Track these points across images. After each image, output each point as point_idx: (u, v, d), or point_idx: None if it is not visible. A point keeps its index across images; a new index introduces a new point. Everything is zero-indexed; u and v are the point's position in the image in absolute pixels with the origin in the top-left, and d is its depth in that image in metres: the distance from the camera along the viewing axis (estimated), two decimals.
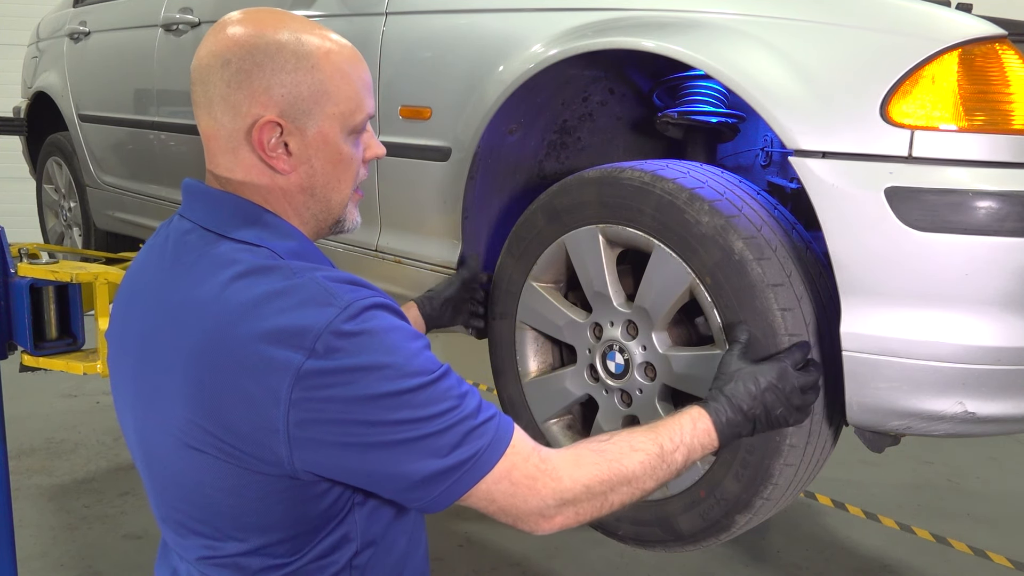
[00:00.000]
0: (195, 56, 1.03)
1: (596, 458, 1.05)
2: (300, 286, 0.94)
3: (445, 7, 1.83)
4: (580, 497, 1.02)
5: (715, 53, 1.35)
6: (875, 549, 3.23)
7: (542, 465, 1.00)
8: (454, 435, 0.94)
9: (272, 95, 0.99)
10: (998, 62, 1.21)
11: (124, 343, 1.07)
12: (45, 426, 4.12)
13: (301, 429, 0.91)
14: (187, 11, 2.66)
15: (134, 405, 1.05)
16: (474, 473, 0.95)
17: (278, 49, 0.99)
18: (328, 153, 1.04)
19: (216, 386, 0.93)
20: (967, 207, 1.18)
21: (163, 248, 1.06)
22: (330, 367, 0.90)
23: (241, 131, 1.00)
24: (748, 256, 1.30)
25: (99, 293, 2.30)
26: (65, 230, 3.82)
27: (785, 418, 1.20)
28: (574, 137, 1.83)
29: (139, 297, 1.06)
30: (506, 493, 0.98)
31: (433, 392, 0.94)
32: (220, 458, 0.95)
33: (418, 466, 0.93)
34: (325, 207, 1.07)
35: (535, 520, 1.01)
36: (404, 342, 0.95)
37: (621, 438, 1.09)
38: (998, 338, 1.20)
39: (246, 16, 1.02)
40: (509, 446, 0.98)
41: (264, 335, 0.91)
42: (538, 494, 0.99)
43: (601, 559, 3.09)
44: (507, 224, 1.74)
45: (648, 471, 1.06)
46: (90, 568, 2.91)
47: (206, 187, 1.06)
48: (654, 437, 1.09)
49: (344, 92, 1.02)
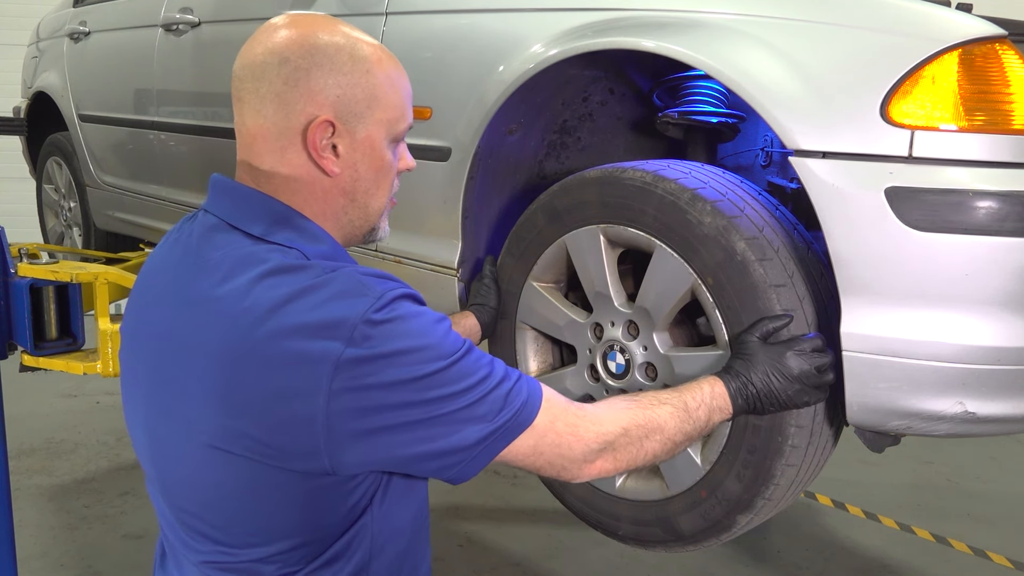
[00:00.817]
0: (244, 53, 1.04)
1: (630, 405, 1.13)
2: (332, 280, 0.95)
3: (445, 7, 1.83)
4: (619, 441, 1.08)
5: (715, 53, 1.35)
6: (875, 549, 3.23)
7: (580, 412, 1.07)
8: (494, 399, 0.99)
9: (328, 95, 1.01)
10: (998, 62, 1.21)
11: (139, 339, 1.06)
12: (45, 426, 4.12)
13: (342, 419, 0.92)
14: (187, 11, 2.65)
15: (147, 403, 1.03)
16: (516, 429, 1.00)
17: (336, 51, 1.01)
18: (373, 158, 1.06)
19: (249, 384, 0.92)
20: (967, 207, 1.18)
21: (187, 243, 1.05)
22: (368, 355, 0.92)
23: (294, 129, 1.01)
24: (750, 257, 1.30)
25: (99, 293, 2.30)
26: (65, 230, 3.82)
27: (800, 396, 1.24)
28: (574, 137, 1.83)
29: (156, 294, 1.05)
30: (552, 444, 1.03)
31: (464, 366, 0.98)
32: (247, 457, 0.94)
33: (466, 434, 0.97)
34: (363, 213, 1.08)
35: (578, 466, 1.06)
36: (432, 326, 0.98)
37: (648, 394, 1.17)
38: (998, 338, 1.20)
39: (300, 18, 1.04)
40: (544, 400, 1.03)
41: (298, 329, 0.92)
42: (581, 439, 1.05)
43: (601, 559, 3.09)
44: (507, 224, 1.74)
45: (677, 423, 1.14)
46: (90, 568, 2.91)
47: (236, 184, 1.05)
48: (678, 395, 1.18)
49: (392, 99, 1.05)
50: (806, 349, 1.25)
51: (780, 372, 1.23)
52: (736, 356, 1.27)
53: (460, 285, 1.80)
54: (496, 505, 3.53)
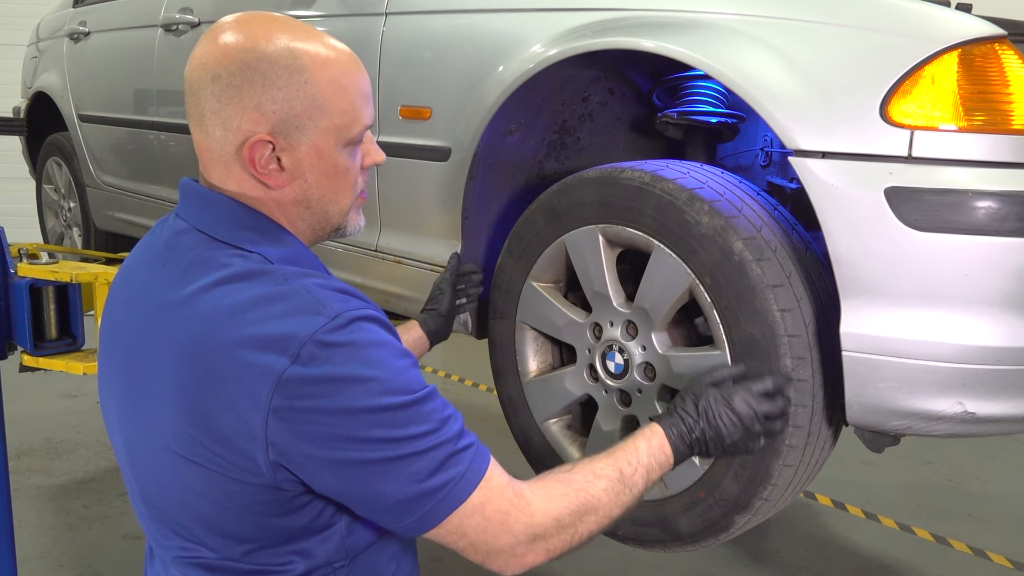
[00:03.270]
0: (187, 65, 1.00)
1: (563, 488, 1.04)
2: (289, 293, 0.92)
3: (445, 7, 1.83)
4: (550, 531, 1.00)
5: (715, 53, 1.35)
6: (875, 549, 3.23)
7: (515, 500, 0.98)
8: (432, 459, 0.93)
9: (263, 112, 0.96)
10: (998, 62, 1.21)
11: (112, 342, 1.06)
12: (45, 426, 4.11)
13: (279, 437, 0.89)
14: (187, 11, 2.66)
15: (120, 406, 1.03)
16: (448, 502, 0.94)
17: (270, 64, 0.95)
18: (323, 167, 1.01)
19: (200, 391, 0.91)
20: (967, 207, 1.18)
21: (156, 247, 1.04)
22: (312, 375, 0.88)
23: (232, 146, 0.98)
24: (748, 257, 1.29)
25: (99, 293, 2.30)
26: (65, 230, 3.82)
27: (743, 444, 1.21)
28: (574, 137, 1.83)
29: (129, 296, 1.05)
30: (478, 528, 0.96)
31: (415, 412, 0.92)
32: (204, 465, 0.93)
33: (393, 487, 0.92)
34: (322, 218, 1.05)
35: (505, 559, 0.99)
36: (390, 358, 0.93)
37: (583, 466, 1.08)
38: (998, 338, 1.20)
39: (238, 24, 0.98)
40: (484, 479, 0.96)
41: (248, 340, 0.89)
42: (510, 530, 0.97)
43: (601, 559, 3.09)
44: (507, 224, 1.74)
45: (612, 497, 1.06)
46: (90, 568, 2.91)
47: (201, 188, 1.04)
48: (613, 462, 1.10)
49: (339, 105, 0.99)
50: (756, 392, 1.21)
51: (727, 416, 1.19)
52: (685, 395, 1.23)
53: None
54: None
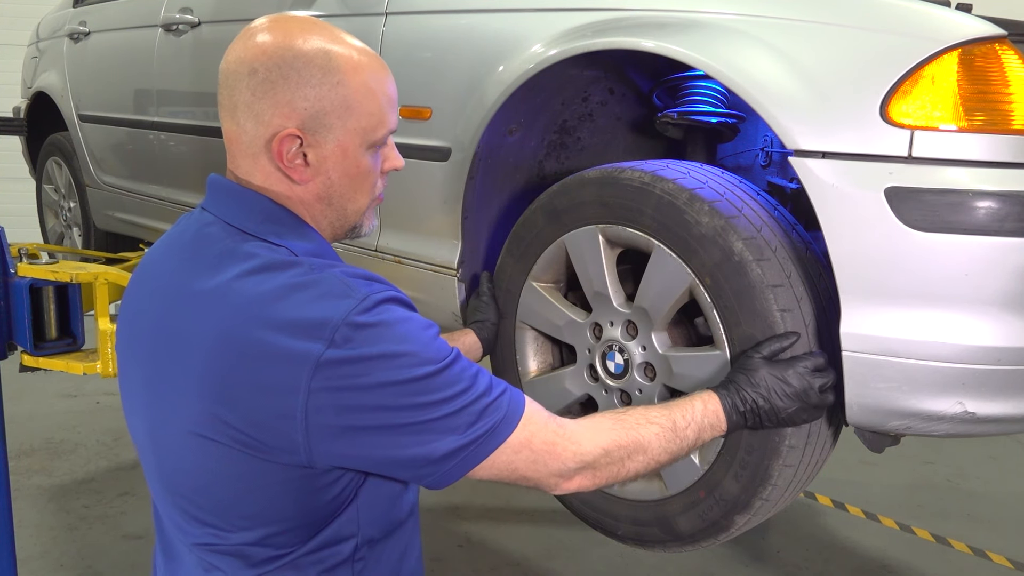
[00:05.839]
0: (224, 59, 1.05)
1: (614, 424, 1.11)
2: (320, 280, 0.97)
3: (445, 7, 1.83)
4: (599, 460, 1.08)
5: (715, 53, 1.35)
6: (875, 549, 3.23)
7: (559, 430, 1.06)
8: (470, 413, 0.99)
9: (295, 108, 1.01)
10: (998, 62, 1.21)
11: (136, 331, 1.09)
12: (45, 426, 4.12)
13: (320, 417, 0.94)
14: (187, 11, 2.65)
15: (145, 393, 1.06)
16: (490, 444, 1.00)
17: (306, 63, 1.00)
18: (346, 165, 1.06)
19: (235, 376, 0.95)
20: (967, 207, 1.18)
21: (183, 239, 1.08)
22: (348, 356, 0.93)
23: (262, 139, 1.02)
24: (748, 257, 1.30)
25: (99, 293, 2.30)
26: (65, 230, 3.82)
27: (799, 415, 1.25)
28: (574, 137, 1.83)
29: (155, 285, 1.08)
30: (527, 460, 1.03)
31: (448, 375, 0.98)
32: (234, 447, 0.97)
33: (437, 445, 0.97)
34: (341, 215, 1.09)
35: (554, 481, 1.06)
36: (417, 331, 0.99)
37: (637, 411, 1.16)
38: (998, 338, 1.20)
39: (277, 24, 1.04)
40: (523, 417, 1.03)
41: (284, 326, 0.94)
42: (558, 458, 1.05)
43: (601, 559, 3.09)
44: (507, 224, 1.74)
45: (662, 444, 1.13)
46: (90, 568, 2.91)
47: (229, 182, 1.08)
48: (668, 413, 1.17)
49: (367, 108, 1.04)
50: (808, 368, 1.25)
51: (782, 390, 1.23)
52: (738, 371, 1.27)
53: (460, 285, 1.80)
54: (496, 505, 3.53)
